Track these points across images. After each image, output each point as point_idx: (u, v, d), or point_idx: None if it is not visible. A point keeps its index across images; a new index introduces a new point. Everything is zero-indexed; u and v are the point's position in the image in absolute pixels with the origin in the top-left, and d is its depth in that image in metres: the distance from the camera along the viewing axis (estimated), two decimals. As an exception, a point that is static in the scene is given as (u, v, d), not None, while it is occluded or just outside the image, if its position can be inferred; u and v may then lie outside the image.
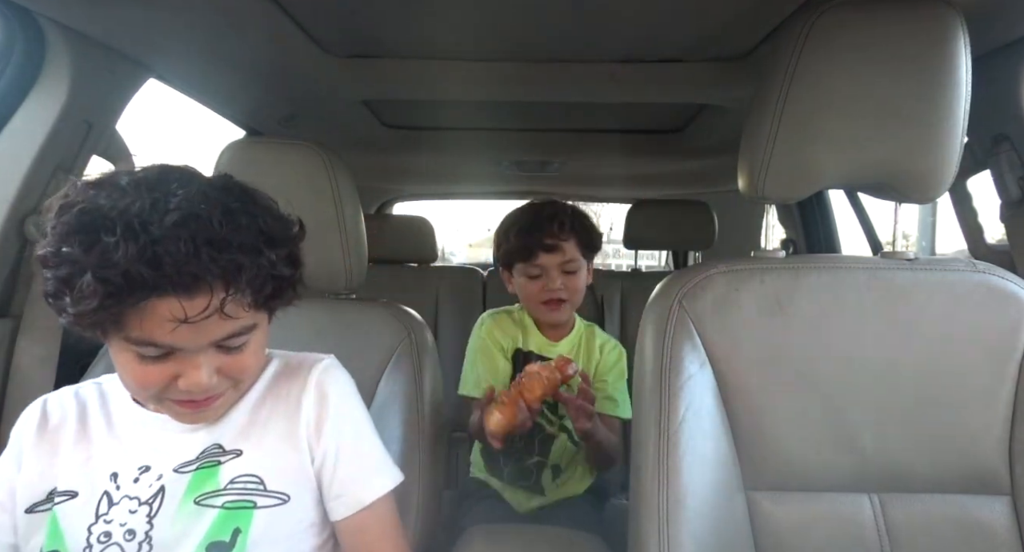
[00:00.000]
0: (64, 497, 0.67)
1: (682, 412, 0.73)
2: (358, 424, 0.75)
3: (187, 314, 0.55)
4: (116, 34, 0.95)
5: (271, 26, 0.96)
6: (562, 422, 1.26)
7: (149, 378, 0.60)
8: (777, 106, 0.74)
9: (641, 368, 0.78)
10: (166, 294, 0.54)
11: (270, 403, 0.72)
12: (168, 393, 0.62)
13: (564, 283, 1.23)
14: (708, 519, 0.71)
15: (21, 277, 0.98)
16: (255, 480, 0.68)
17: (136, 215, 0.53)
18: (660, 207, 2.01)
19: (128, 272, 0.52)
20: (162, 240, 0.52)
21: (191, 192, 0.56)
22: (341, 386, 0.75)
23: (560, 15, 0.94)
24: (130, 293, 0.53)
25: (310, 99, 1.37)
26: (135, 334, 0.56)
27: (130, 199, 0.54)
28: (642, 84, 1.25)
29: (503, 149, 1.95)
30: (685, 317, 0.77)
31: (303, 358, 0.77)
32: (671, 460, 0.72)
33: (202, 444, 0.69)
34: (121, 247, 0.51)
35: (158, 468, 0.68)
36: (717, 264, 0.80)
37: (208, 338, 0.59)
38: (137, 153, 1.12)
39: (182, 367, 0.60)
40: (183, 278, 0.54)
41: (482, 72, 1.20)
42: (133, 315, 0.55)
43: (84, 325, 0.56)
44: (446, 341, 1.75)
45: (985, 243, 1.09)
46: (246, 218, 0.58)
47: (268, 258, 0.59)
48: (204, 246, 0.54)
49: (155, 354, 0.58)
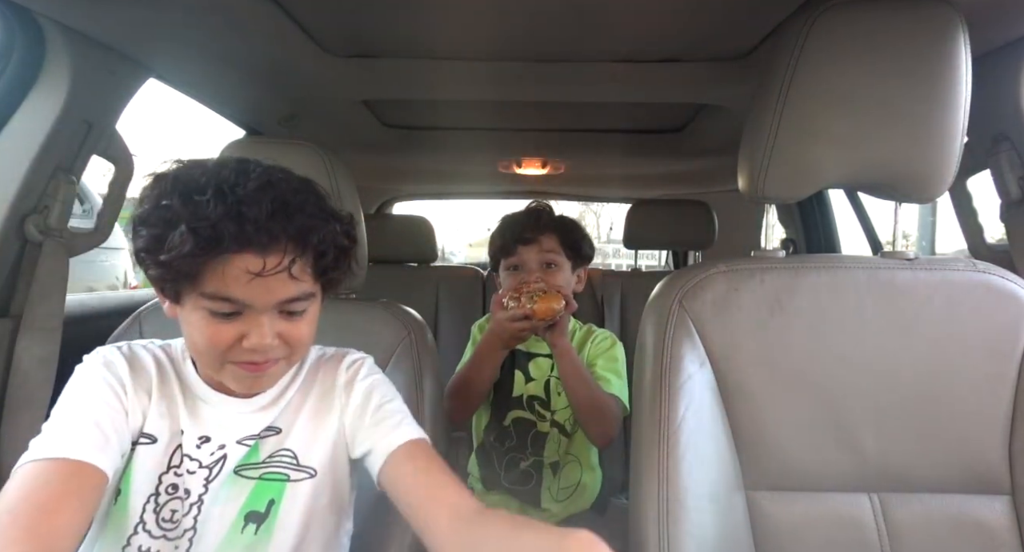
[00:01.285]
0: (148, 440, 0.71)
1: (682, 412, 0.73)
2: (388, 392, 0.78)
3: (263, 268, 0.61)
4: (116, 34, 0.95)
5: (271, 26, 0.96)
6: (553, 417, 1.26)
7: (219, 336, 0.65)
8: (777, 106, 0.74)
9: (641, 368, 0.78)
10: (245, 249, 0.61)
11: (308, 386, 0.78)
12: (232, 354, 0.66)
13: (542, 278, 1.23)
14: (708, 519, 0.71)
15: (21, 277, 0.98)
16: (290, 454, 0.74)
17: (224, 180, 0.61)
18: (660, 207, 2.01)
19: (216, 226, 0.59)
20: (245, 200, 0.60)
21: (268, 168, 0.66)
22: (372, 369, 0.80)
23: (560, 15, 0.94)
24: (216, 245, 0.59)
25: (310, 99, 1.37)
26: (211, 288, 0.62)
27: (220, 169, 0.63)
28: (642, 84, 1.25)
29: (503, 149, 1.95)
30: (685, 317, 0.77)
31: (340, 350, 0.83)
32: (671, 460, 0.72)
33: (263, 421, 0.74)
34: (211, 204, 0.59)
35: (220, 439, 0.72)
36: (717, 264, 0.80)
37: (275, 297, 0.65)
38: (137, 153, 1.12)
39: (248, 326, 0.65)
40: (261, 235, 0.61)
41: (482, 72, 1.20)
42: (213, 269, 0.61)
43: (170, 277, 0.62)
44: (446, 341, 1.75)
45: (985, 243, 1.09)
46: (313, 195, 0.67)
47: (332, 227, 0.67)
48: (280, 209, 0.62)
49: (227, 310, 0.64)
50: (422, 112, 1.62)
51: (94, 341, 0.98)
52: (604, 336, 1.32)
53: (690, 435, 0.72)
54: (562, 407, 1.26)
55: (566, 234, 1.28)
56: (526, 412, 1.26)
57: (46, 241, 0.98)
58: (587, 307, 1.86)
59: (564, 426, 1.26)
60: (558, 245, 1.26)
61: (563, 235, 1.27)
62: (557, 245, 1.26)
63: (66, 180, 0.99)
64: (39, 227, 0.96)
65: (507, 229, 1.29)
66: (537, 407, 1.26)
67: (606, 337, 1.31)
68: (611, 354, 1.28)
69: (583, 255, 1.31)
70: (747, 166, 0.79)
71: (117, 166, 1.09)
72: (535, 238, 1.25)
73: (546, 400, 1.26)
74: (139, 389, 0.72)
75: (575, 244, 1.29)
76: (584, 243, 1.31)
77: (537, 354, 1.28)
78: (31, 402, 0.95)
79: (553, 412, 1.26)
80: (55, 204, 0.98)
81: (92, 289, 3.08)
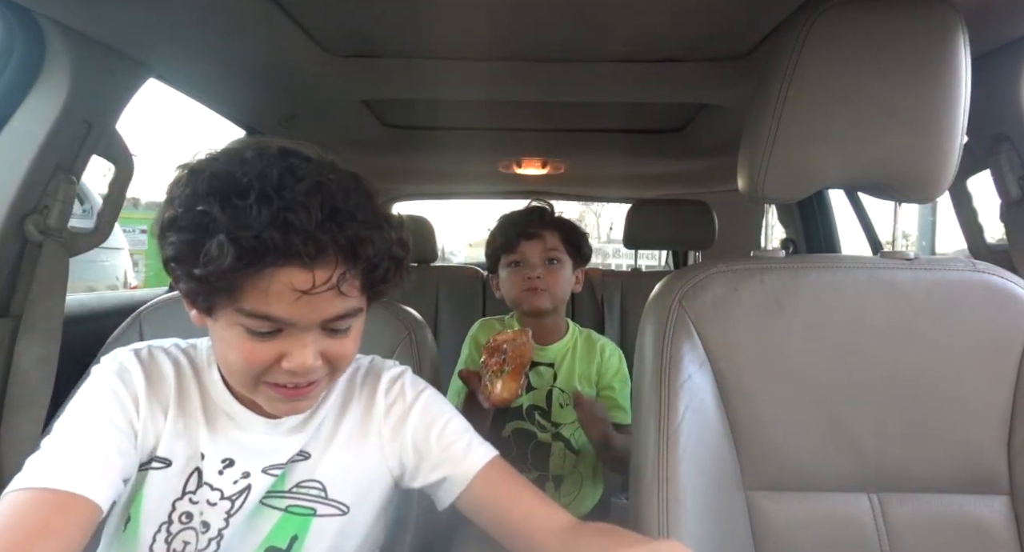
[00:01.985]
0: (161, 464, 0.64)
1: (682, 412, 0.73)
2: (443, 408, 0.72)
3: (312, 285, 0.54)
4: (116, 34, 0.95)
5: (271, 26, 0.96)
6: (557, 430, 1.24)
7: (255, 356, 0.58)
8: (777, 106, 0.74)
9: (641, 368, 0.78)
10: (291, 263, 0.54)
11: (344, 406, 0.71)
12: (270, 375, 0.60)
13: (544, 274, 1.23)
14: (708, 519, 0.71)
15: (21, 277, 0.98)
16: (318, 486, 0.67)
17: (269, 181, 0.54)
18: (660, 207, 2.01)
19: (260, 236, 0.52)
20: (294, 206, 0.53)
21: (316, 164, 0.58)
22: (416, 384, 0.74)
23: (560, 15, 0.94)
24: (260, 258, 0.52)
25: (310, 99, 1.37)
26: (250, 306, 0.55)
27: (262, 165, 0.55)
28: (642, 84, 1.25)
29: (503, 149, 1.95)
30: (685, 317, 0.77)
31: (374, 362, 0.76)
32: (671, 460, 0.71)
33: (291, 448, 0.67)
34: (254, 210, 0.52)
35: (244, 465, 0.66)
36: (717, 264, 0.80)
37: (321, 315, 0.58)
38: (137, 153, 1.12)
39: (289, 346, 0.58)
40: (308, 247, 0.53)
41: (482, 72, 1.20)
42: (254, 284, 0.54)
43: (204, 291, 0.55)
44: (446, 341, 1.75)
45: (985, 243, 1.09)
46: (364, 196, 0.59)
47: (385, 236, 0.60)
48: (330, 216, 0.54)
49: (267, 329, 0.57)
50: (422, 112, 1.62)
51: (94, 341, 0.98)
52: (611, 351, 1.31)
53: (690, 435, 0.72)
54: (568, 421, 1.24)
55: (568, 232, 1.28)
56: (526, 422, 1.24)
57: (46, 241, 0.98)
58: (587, 307, 1.86)
59: (570, 441, 1.24)
60: (560, 242, 1.26)
61: (565, 233, 1.28)
62: (559, 242, 1.26)
63: (66, 180, 0.99)
64: (39, 227, 0.96)
65: (508, 225, 1.28)
66: (538, 417, 1.24)
67: (613, 352, 1.31)
68: (623, 374, 1.28)
69: (583, 255, 1.32)
70: (747, 166, 0.79)
71: (117, 166, 1.09)
72: (539, 233, 1.25)
73: (547, 410, 1.24)
74: (154, 405, 0.65)
75: (576, 242, 1.29)
76: (584, 243, 1.32)
77: (538, 363, 1.26)
78: (31, 402, 0.95)
79: (557, 425, 1.24)
80: (55, 204, 0.98)
81: (92, 289, 3.08)
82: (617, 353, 1.31)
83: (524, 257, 1.25)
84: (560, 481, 1.25)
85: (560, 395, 1.25)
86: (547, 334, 1.28)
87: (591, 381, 1.27)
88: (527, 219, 1.27)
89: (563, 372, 1.26)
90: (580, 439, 1.26)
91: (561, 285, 1.26)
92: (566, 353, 1.28)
